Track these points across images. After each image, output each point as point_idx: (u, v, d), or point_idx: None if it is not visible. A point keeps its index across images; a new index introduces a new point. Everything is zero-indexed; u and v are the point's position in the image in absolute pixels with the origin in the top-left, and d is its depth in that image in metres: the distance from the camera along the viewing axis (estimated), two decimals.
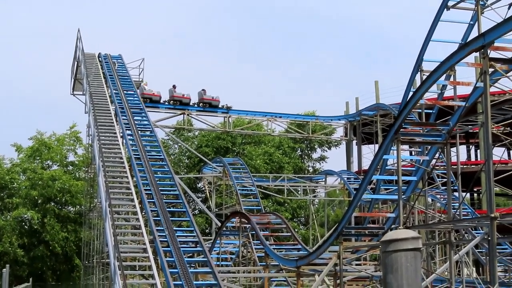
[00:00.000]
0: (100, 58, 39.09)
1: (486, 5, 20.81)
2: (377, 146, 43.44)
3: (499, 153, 40.49)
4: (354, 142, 52.09)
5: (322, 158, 68.66)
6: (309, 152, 68.48)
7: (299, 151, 67.58)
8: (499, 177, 17.76)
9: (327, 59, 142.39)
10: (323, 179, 51.77)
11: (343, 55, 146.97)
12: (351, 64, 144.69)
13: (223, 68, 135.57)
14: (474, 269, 30.20)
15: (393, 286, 2.21)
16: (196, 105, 45.34)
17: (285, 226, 33.23)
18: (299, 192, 51.19)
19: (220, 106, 46.00)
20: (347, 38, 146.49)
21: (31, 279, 38.81)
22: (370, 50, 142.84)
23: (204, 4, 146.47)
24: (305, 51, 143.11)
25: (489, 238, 14.60)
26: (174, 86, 44.55)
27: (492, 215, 14.25)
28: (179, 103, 44.71)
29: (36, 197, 48.52)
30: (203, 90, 45.83)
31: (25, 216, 49.43)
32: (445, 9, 22.33)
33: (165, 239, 21.95)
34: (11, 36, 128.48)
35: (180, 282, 19.81)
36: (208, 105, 46.05)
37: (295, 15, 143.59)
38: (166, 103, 44.36)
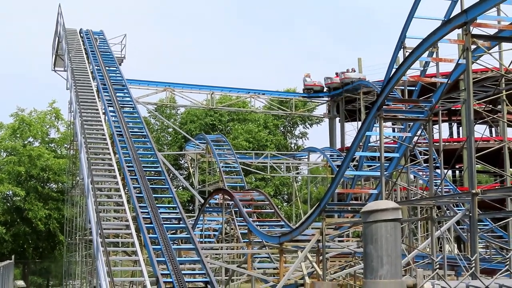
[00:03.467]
0: (81, 34, 38.82)
1: None
2: (360, 123, 43.65)
3: (481, 130, 40.78)
4: (337, 119, 52.20)
5: (303, 135, 68.80)
6: (291, 128, 68.56)
7: (281, 128, 67.62)
8: (481, 153, 17.90)
9: (311, 36, 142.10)
10: (306, 156, 51.91)
11: (327, 32, 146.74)
12: (335, 41, 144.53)
13: (206, 44, 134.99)
14: (455, 245, 30.50)
15: (373, 257, 2.26)
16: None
17: (268, 203, 33.36)
18: (282, 169, 51.26)
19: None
20: (332, 15, 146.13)
21: (13, 256, 38.68)
22: (355, 27, 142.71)
23: None
24: (289, 28, 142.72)
25: (470, 214, 14.73)
26: (307, 75, 46.21)
27: (474, 191, 14.36)
28: (312, 91, 46.75)
29: (19, 175, 48.20)
30: (307, 75, 47.37)
31: (8, 192, 49.19)
32: None
33: (148, 216, 21.95)
34: None
35: (163, 259, 19.86)
36: (312, 91, 47.83)
37: None
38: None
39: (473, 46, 15.56)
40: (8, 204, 50.04)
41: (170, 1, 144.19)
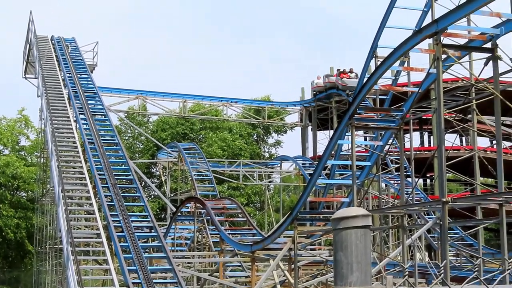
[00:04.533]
0: (53, 41, 38.56)
1: None
2: (332, 132, 43.77)
3: (451, 139, 41.16)
4: (310, 127, 52.33)
5: (277, 143, 68.91)
6: (265, 137, 68.63)
7: (255, 136, 67.65)
8: (451, 162, 18.06)
9: (284, 44, 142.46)
10: (279, 165, 52.01)
11: (301, 40, 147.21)
12: (309, 50, 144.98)
13: (169, 49, 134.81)
14: (426, 253, 30.71)
15: (343, 264, 2.26)
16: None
17: (240, 211, 33.34)
18: (254, 178, 51.28)
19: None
20: (305, 23, 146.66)
21: None
22: (329, 35, 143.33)
23: None
24: (262, 35, 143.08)
25: (441, 223, 14.83)
26: (319, 78, 46.44)
27: (444, 199, 14.47)
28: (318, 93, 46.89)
29: None
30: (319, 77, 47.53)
31: None
32: None
33: (119, 224, 21.82)
34: None
35: (134, 267, 19.75)
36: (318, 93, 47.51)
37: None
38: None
39: (443, 56, 15.69)
40: None
41: (142, 10, 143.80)
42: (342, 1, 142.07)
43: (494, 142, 19.90)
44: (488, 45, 16.39)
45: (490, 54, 16.36)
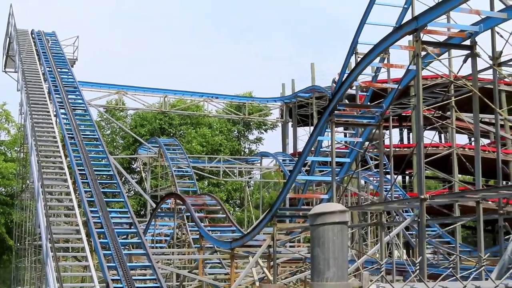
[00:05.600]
0: (33, 35, 38.35)
1: None
2: (312, 128, 43.82)
3: (430, 136, 41.29)
4: (290, 124, 52.37)
5: (258, 140, 68.91)
6: (246, 133, 68.59)
7: (235, 132, 67.56)
8: (430, 159, 18.14)
9: (267, 41, 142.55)
10: (259, 161, 52.00)
11: (284, 37, 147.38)
12: (300, 48, 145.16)
13: (161, 47, 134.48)
14: (404, 251, 30.81)
15: (319, 259, 2.26)
16: None
17: (220, 207, 33.32)
18: (234, 174, 51.27)
19: None
20: (289, 20, 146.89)
21: None
22: (320, 34, 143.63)
23: None
24: (245, 32, 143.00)
25: (419, 220, 14.87)
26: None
27: (422, 196, 14.49)
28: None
29: None
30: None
31: None
32: None
33: (99, 221, 21.75)
34: None
35: (114, 264, 19.70)
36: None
37: None
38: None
39: (423, 53, 15.75)
40: None
41: (124, 4, 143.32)
42: (336, 2, 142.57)
43: (473, 139, 19.98)
44: (467, 42, 16.45)
45: (469, 52, 16.41)
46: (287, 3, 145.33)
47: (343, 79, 20.94)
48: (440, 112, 21.73)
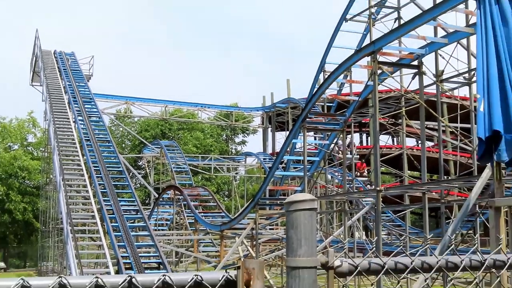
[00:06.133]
0: (55, 55, 38.10)
1: (377, 19, 21.21)
2: (287, 132, 43.85)
3: (385, 139, 41.29)
4: (269, 129, 52.38)
5: (243, 142, 68.83)
6: (232, 137, 68.49)
7: (224, 136, 67.45)
8: (384, 158, 18.22)
9: (250, 58, 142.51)
10: (244, 159, 51.99)
11: (265, 56, 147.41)
12: (271, 64, 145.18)
13: (161, 64, 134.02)
14: (363, 232, 30.90)
15: (293, 240, 2.28)
16: None
17: (211, 197, 33.33)
18: (223, 170, 51.23)
19: None
20: (270, 43, 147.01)
21: None
22: (287, 53, 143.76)
23: (140, 8, 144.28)
24: (231, 51, 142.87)
25: (375, 207, 14.96)
26: None
27: (378, 188, 14.59)
28: None
29: (0, 174, 47.04)
30: None
31: None
32: (344, 21, 22.62)
33: (111, 208, 21.68)
34: None
35: (123, 244, 19.64)
36: None
37: (227, 20, 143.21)
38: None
39: (379, 71, 15.82)
40: None
41: (132, 30, 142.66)
42: (300, 26, 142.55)
43: (419, 142, 20.09)
44: (415, 62, 16.56)
45: (417, 70, 16.53)
46: (265, 31, 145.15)
47: (313, 92, 20.99)
48: (393, 119, 21.85)
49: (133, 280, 1.80)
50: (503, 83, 6.57)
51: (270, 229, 29.20)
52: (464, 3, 13.99)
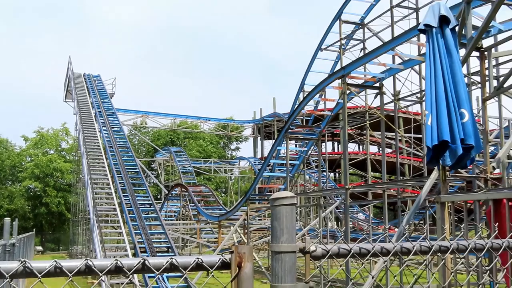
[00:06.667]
0: (84, 77, 38.03)
1: (346, 49, 21.31)
2: (273, 141, 43.85)
3: (352, 147, 41.26)
4: (259, 138, 52.41)
5: (237, 149, 68.79)
6: (228, 144, 68.45)
7: (221, 143, 67.39)
8: (352, 162, 18.24)
9: (244, 79, 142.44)
10: (238, 163, 51.95)
11: (256, 78, 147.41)
12: (260, 84, 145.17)
13: (171, 83, 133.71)
14: (335, 222, 30.93)
15: (277, 229, 2.30)
16: None
17: (211, 194, 33.23)
18: (221, 171, 51.19)
19: None
20: (260, 67, 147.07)
21: (34, 229, 37.37)
22: (274, 75, 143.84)
23: (151, 35, 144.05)
24: (227, 73, 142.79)
25: (345, 202, 14.98)
26: None
27: (347, 186, 14.62)
28: None
29: (38, 174, 46.96)
30: None
31: (31, 186, 47.96)
32: (320, 50, 22.71)
33: (129, 202, 21.62)
34: (20, 57, 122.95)
35: (139, 231, 19.59)
36: None
37: (226, 46, 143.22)
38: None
39: (348, 91, 15.89)
40: (31, 193, 48.75)
41: (146, 54, 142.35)
42: (284, 53, 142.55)
43: (380, 149, 20.17)
44: (377, 84, 16.63)
45: (378, 90, 16.60)
46: (258, 57, 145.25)
47: (295, 108, 21.03)
48: (359, 130, 21.87)
49: (146, 262, 1.81)
50: (448, 102, 6.61)
51: (259, 219, 29.18)
52: (416, 37, 14.08)
